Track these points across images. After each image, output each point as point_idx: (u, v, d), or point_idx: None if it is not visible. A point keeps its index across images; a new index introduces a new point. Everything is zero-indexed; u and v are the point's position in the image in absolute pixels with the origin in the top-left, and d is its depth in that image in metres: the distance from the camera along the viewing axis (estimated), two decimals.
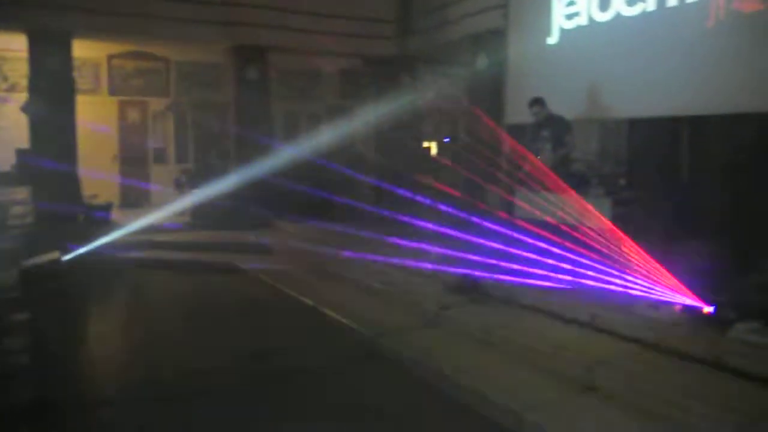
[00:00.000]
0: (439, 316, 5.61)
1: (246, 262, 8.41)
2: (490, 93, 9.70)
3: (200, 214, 10.38)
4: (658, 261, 5.10)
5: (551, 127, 6.96)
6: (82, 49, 10.90)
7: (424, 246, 7.61)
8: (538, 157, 7.00)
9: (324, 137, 11.47)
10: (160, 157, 12.85)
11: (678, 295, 4.66)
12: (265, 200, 10.23)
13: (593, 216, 5.86)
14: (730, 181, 6.54)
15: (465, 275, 6.18)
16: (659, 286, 4.83)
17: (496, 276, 6.03)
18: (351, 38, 11.85)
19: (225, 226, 10.01)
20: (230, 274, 8.23)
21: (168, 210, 10.16)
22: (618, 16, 7.38)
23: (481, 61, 10.04)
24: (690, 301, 4.53)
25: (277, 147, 10.86)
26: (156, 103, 12.84)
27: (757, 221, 6.08)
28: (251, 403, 4.24)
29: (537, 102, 7.05)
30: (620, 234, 5.60)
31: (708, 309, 4.38)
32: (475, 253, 6.86)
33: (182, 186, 10.90)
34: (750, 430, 3.26)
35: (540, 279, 5.80)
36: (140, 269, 8.43)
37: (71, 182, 9.95)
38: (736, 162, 6.53)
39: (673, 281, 4.87)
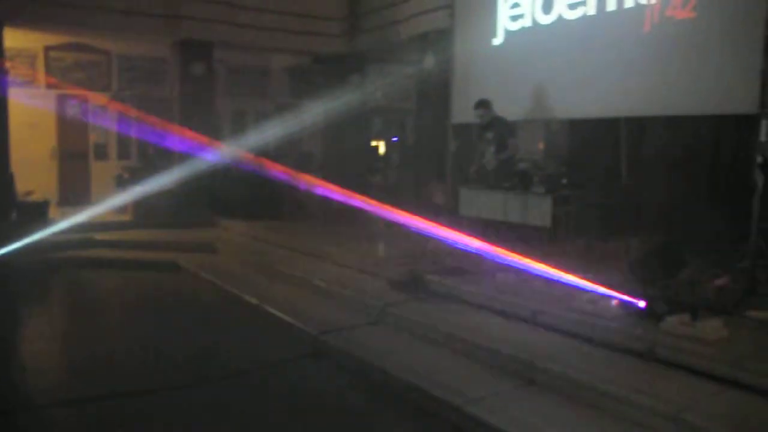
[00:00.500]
0: (383, 314, 5.63)
1: (189, 260, 8.24)
2: (437, 92, 9.79)
3: (143, 212, 10.13)
4: (597, 257, 5.25)
5: (495, 130, 7.05)
6: (16, 39, 10.48)
7: (371, 243, 7.64)
8: (483, 159, 7.10)
9: (272, 135, 11.36)
10: (101, 153, 12.45)
11: (614, 291, 4.79)
12: (210, 198, 10.07)
13: (534, 214, 5.98)
14: (664, 180, 6.80)
15: (410, 272, 6.22)
16: (597, 282, 4.96)
17: (440, 273, 6.08)
18: (300, 35, 11.78)
19: (168, 224, 9.79)
20: (172, 273, 8.05)
21: (109, 207, 9.88)
22: (560, 19, 7.56)
23: (429, 61, 10.12)
24: (625, 296, 4.67)
25: (223, 145, 10.70)
26: (96, 98, 12.43)
27: (687, 218, 6.35)
28: (188, 405, 4.14)
29: (482, 104, 7.13)
30: (561, 231, 5.74)
31: (642, 303, 4.53)
32: (420, 250, 6.93)
33: (125, 183, 10.60)
34: (679, 417, 3.39)
35: (483, 275, 5.88)
36: (77, 268, 8.16)
37: (2, 179, 9.55)
38: (668, 162, 6.79)
39: (610, 277, 5.01)
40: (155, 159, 10.86)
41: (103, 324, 6.17)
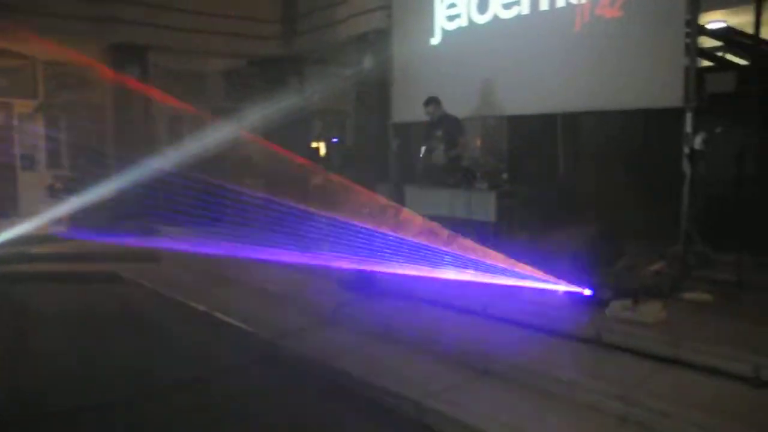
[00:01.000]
0: (336, 314, 5.65)
1: (131, 270, 8.03)
2: (377, 92, 9.86)
3: (79, 223, 9.76)
4: (541, 249, 5.43)
5: (445, 127, 7.11)
6: None
7: (318, 245, 7.62)
8: (432, 155, 7.14)
9: (209, 140, 11.16)
10: (28, 163, 11.93)
11: (561, 280, 4.98)
12: (149, 205, 9.81)
13: (479, 209, 6.13)
14: (600, 172, 7.09)
15: (359, 271, 6.26)
16: (544, 273, 5.14)
17: (389, 270, 6.14)
18: (236, 38, 11.62)
19: (107, 234, 9.48)
20: (115, 284, 7.82)
21: (41, 219, 9.49)
22: (496, 19, 7.76)
23: (368, 61, 10.19)
24: (571, 284, 4.86)
25: (160, 151, 10.46)
26: (23, 105, 11.91)
27: (623, 208, 6.64)
28: (137, 420, 4.03)
29: (431, 101, 7.18)
30: (505, 225, 5.90)
31: (587, 291, 4.73)
32: (368, 249, 6.97)
33: (57, 193, 10.20)
34: (627, 397, 3.57)
35: (431, 271, 5.97)
36: (13, 283, 7.80)
37: None
38: (604, 154, 7.08)
39: (555, 267, 5.20)
40: (90, 168, 10.50)
41: (44, 340, 5.93)
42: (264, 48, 12.10)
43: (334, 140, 13.93)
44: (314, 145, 13.90)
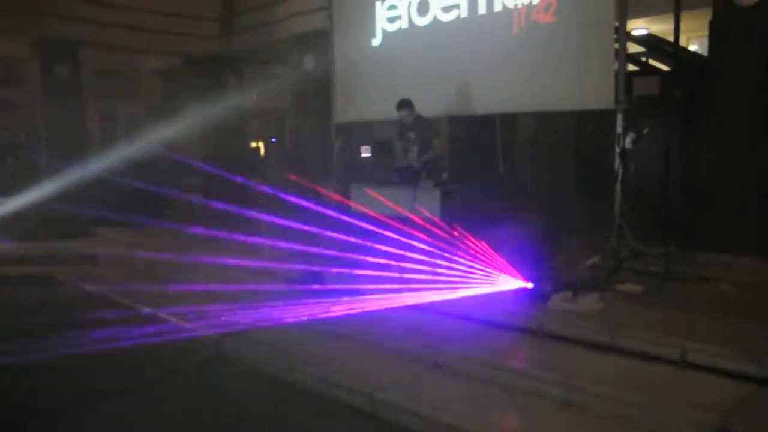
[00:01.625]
0: (284, 312, 5.67)
1: (68, 272, 7.78)
2: (318, 92, 9.89)
3: (9, 225, 9.37)
4: (484, 245, 5.62)
5: (418, 130, 7.02)
6: None
7: (264, 243, 7.60)
8: (406, 158, 7.12)
9: (145, 140, 10.93)
10: None
11: (504, 275, 5.19)
12: (83, 206, 9.51)
13: (425, 207, 6.29)
14: (538, 170, 7.39)
15: (307, 270, 6.30)
16: (487, 268, 5.34)
17: (336, 268, 6.21)
18: (171, 36, 11.43)
19: (40, 236, 9.16)
20: (51, 287, 7.55)
21: None
22: (436, 21, 7.93)
23: (308, 62, 10.21)
24: (515, 278, 5.08)
25: (93, 151, 10.17)
26: None
27: (560, 204, 6.95)
28: (85, 424, 3.99)
29: (405, 105, 7.01)
30: (448, 223, 6.07)
31: (529, 285, 4.95)
32: (315, 247, 7.02)
33: None
34: (569, 383, 3.78)
35: (377, 269, 6.07)
36: None
37: None
38: (541, 153, 7.38)
39: (499, 262, 5.41)
40: (17, 168, 10.10)
41: None
42: (202, 46, 11.94)
43: (273, 140, 13.89)
44: (254, 144, 13.82)
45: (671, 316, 4.55)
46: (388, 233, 6.22)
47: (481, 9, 7.41)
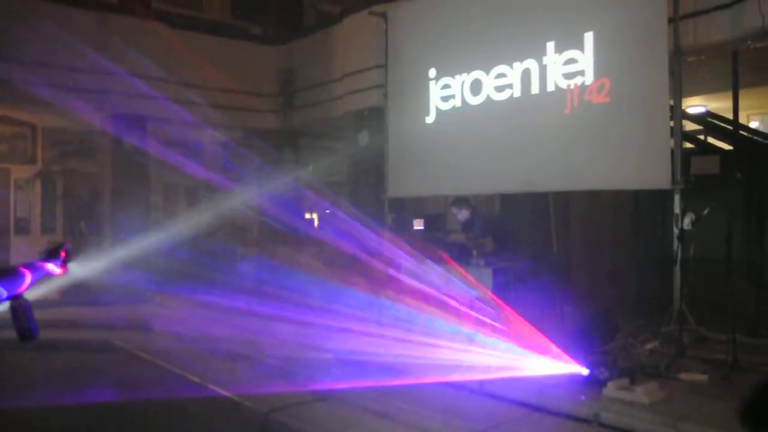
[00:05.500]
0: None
1: (124, 339, 7.95)
2: (372, 166, 10.10)
3: (72, 289, 9.71)
4: (537, 326, 5.50)
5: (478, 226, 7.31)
6: None
7: (312, 317, 7.64)
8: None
9: (205, 209, 11.31)
10: (23, 228, 11.97)
11: (557, 357, 5.03)
12: (143, 273, 9.82)
13: (477, 286, 6.23)
14: (592, 250, 7.24)
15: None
16: (541, 351, 5.20)
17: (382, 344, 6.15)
18: (233, 111, 11.95)
19: (101, 301, 9.45)
20: (107, 353, 7.72)
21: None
22: (488, 100, 8.06)
23: (363, 137, 10.48)
24: (568, 362, 4.92)
25: (156, 219, 10.56)
26: (20, 171, 12.05)
27: (615, 285, 6.77)
28: None
29: (462, 204, 7.37)
30: (501, 302, 5.99)
31: (585, 371, 4.78)
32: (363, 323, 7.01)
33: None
34: None
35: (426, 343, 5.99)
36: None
37: None
38: (595, 233, 7.25)
39: (551, 345, 5.26)
40: (85, 234, 10.55)
41: (35, 410, 5.81)
42: (261, 121, 12.44)
43: (327, 211, 14.11)
44: (308, 216, 14.07)
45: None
46: (437, 310, 6.17)
47: (534, 89, 7.50)
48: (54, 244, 2.75)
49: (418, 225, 9.52)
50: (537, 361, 5.17)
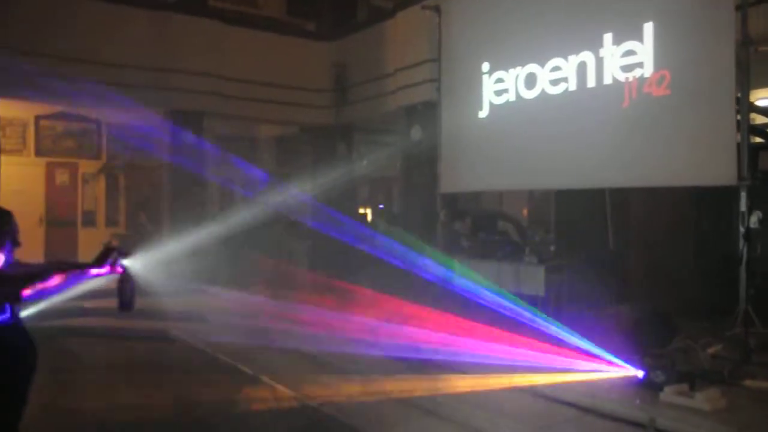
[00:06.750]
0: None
1: (180, 329, 8.17)
2: (425, 162, 10.05)
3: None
4: (591, 325, 5.36)
5: None
6: (7, 109, 10.64)
7: (365, 314, 7.66)
8: None
9: (259, 203, 11.49)
10: (89, 221, 12.46)
11: (612, 360, 4.89)
12: (199, 266, 10.06)
13: (528, 283, 6.12)
14: (650, 248, 7.00)
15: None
16: (594, 352, 5.06)
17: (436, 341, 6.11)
18: (287, 106, 12.09)
19: (158, 292, 9.72)
20: (164, 342, 7.95)
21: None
22: (543, 93, 7.89)
23: (416, 132, 10.44)
24: (623, 365, 4.77)
25: (212, 213, 10.79)
26: (87, 165, 12.53)
27: (675, 285, 6.53)
28: None
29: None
30: (553, 301, 5.86)
31: (640, 373, 4.62)
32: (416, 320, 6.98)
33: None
34: None
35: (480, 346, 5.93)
36: (68, 337, 8.00)
37: None
38: (654, 230, 7.00)
39: (605, 346, 5.11)
40: (146, 226, 10.90)
41: (99, 390, 6.03)
42: (315, 116, 12.54)
43: (381, 207, 14.16)
44: (361, 210, 14.15)
45: None
46: (489, 310, 6.09)
47: (590, 82, 7.30)
48: (104, 249, 2.95)
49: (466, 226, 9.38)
50: (590, 362, 5.04)
